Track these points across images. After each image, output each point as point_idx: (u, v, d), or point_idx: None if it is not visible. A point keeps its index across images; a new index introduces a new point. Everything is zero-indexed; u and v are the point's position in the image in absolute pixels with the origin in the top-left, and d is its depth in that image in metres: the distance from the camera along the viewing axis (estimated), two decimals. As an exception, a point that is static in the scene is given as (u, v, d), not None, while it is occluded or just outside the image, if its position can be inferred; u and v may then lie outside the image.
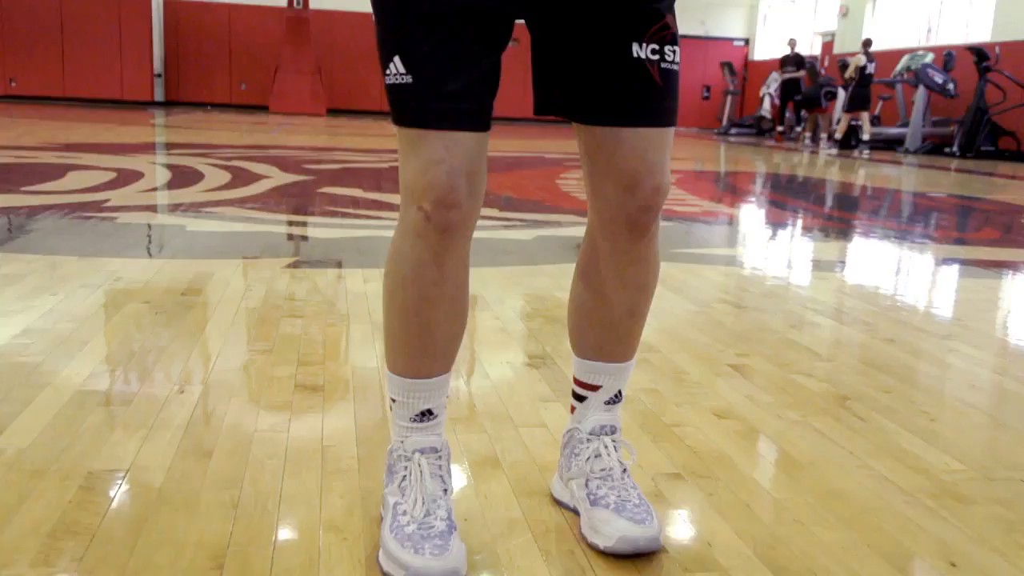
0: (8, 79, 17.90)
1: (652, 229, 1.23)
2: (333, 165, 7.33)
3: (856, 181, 8.74)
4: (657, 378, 2.03)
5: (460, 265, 1.19)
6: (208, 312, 2.46)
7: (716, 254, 3.95)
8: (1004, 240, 4.94)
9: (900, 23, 16.81)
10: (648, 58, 1.15)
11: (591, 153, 1.22)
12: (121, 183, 5.29)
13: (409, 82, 1.10)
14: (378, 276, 3.00)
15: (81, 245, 3.33)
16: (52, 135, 9.14)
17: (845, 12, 17.94)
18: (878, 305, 2.95)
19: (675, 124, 1.21)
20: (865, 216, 5.93)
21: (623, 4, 1.14)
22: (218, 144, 8.87)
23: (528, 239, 4.01)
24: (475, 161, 1.13)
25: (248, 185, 5.51)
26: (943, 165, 11.17)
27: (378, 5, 1.13)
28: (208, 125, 12.62)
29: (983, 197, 7.35)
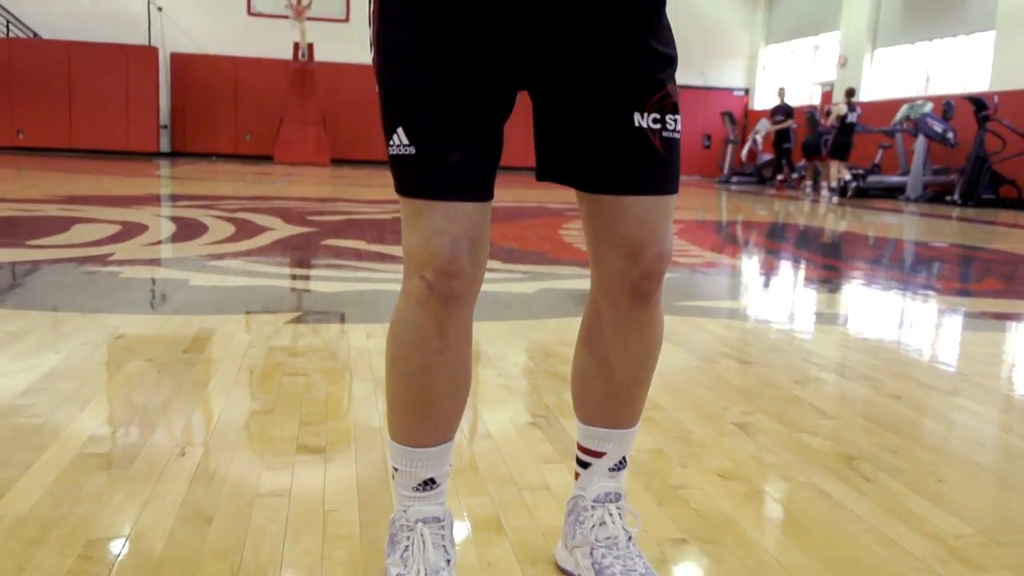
0: (16, 130, 18.10)
1: (655, 296, 1.23)
2: (336, 216, 7.37)
3: (858, 230, 8.77)
4: (662, 437, 2.02)
5: (463, 334, 1.19)
6: (210, 370, 2.45)
7: (719, 307, 3.94)
8: (1007, 291, 4.93)
9: (898, 73, 16.99)
10: (650, 127, 1.16)
11: (593, 220, 1.22)
12: (125, 236, 5.32)
13: (412, 153, 1.11)
14: (381, 331, 3.00)
15: (84, 301, 3.33)
16: (58, 187, 9.21)
17: (844, 62, 18.16)
18: (882, 359, 2.94)
19: (677, 192, 1.22)
20: (867, 266, 5.94)
21: (624, 74, 1.16)
22: (222, 195, 8.93)
23: (531, 292, 4.01)
24: (478, 231, 1.14)
25: (252, 237, 5.53)
26: (944, 213, 11.21)
27: (382, 77, 1.14)
28: (213, 176, 12.73)
29: (985, 247, 7.36)
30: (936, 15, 15.65)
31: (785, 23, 21.06)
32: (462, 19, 1.11)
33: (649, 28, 1.18)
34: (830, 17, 18.88)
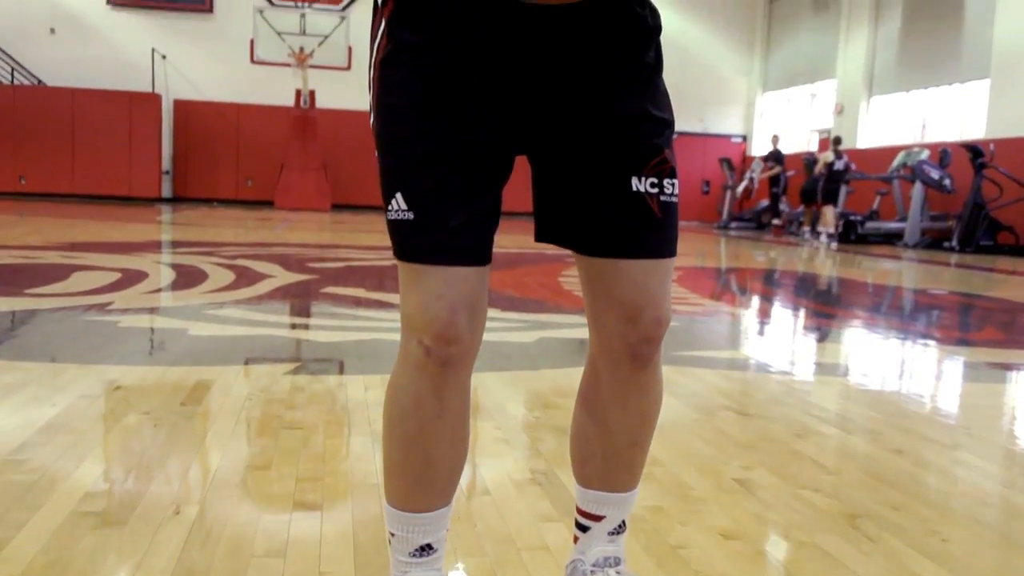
0: (18, 176, 18.21)
1: (654, 359, 1.22)
2: (336, 263, 7.38)
3: (857, 276, 8.78)
4: (661, 494, 2.00)
5: (461, 398, 1.18)
6: (208, 423, 2.44)
7: (718, 357, 3.93)
8: (1007, 341, 4.93)
9: (894, 120, 17.15)
10: (647, 191, 1.17)
11: (592, 283, 1.22)
12: (125, 284, 5.32)
13: (411, 218, 1.12)
14: (379, 383, 2.99)
15: (82, 351, 3.33)
16: (59, 234, 9.25)
17: (840, 110, 18.33)
18: (883, 411, 2.93)
19: (675, 254, 1.22)
20: (867, 313, 5.94)
21: (622, 139, 1.17)
22: (223, 242, 8.96)
23: (530, 341, 4.01)
24: (476, 295, 1.14)
25: (251, 285, 5.54)
26: (943, 260, 11.24)
27: (381, 143, 1.15)
28: (214, 222, 12.78)
29: (984, 294, 7.37)
30: (930, 64, 15.84)
31: (782, 71, 21.29)
32: (461, 86, 1.12)
33: (646, 93, 1.19)
34: (826, 65, 19.09)
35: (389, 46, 1.15)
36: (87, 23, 19.28)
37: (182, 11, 19.76)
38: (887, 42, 17.19)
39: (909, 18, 16.54)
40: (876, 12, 17.43)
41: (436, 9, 1.12)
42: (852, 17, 18.04)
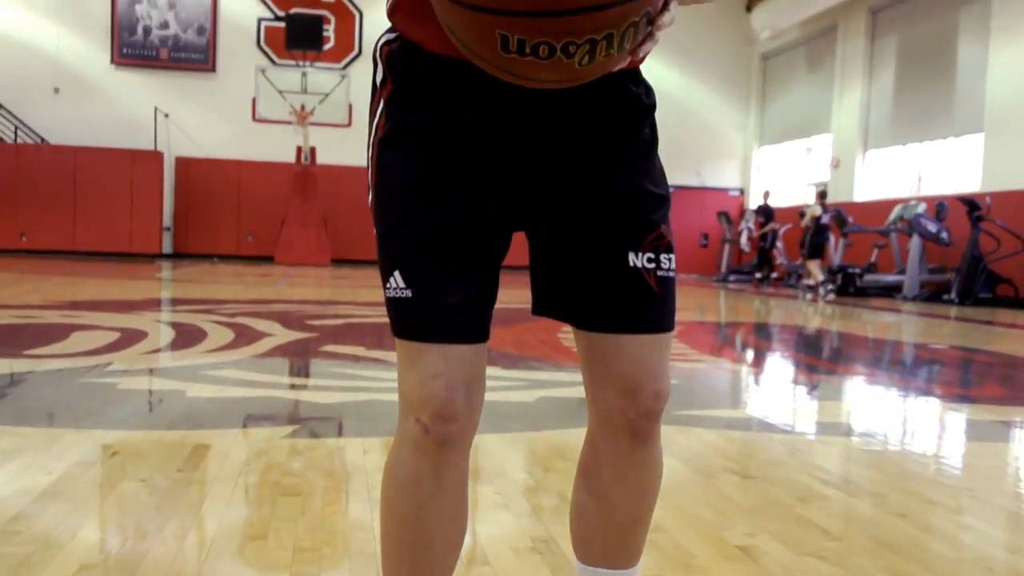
0: (19, 234, 18.30)
1: (654, 434, 1.22)
2: (336, 320, 7.38)
3: (857, 330, 8.78)
4: (664, 563, 1.97)
5: (459, 477, 1.17)
6: (204, 490, 2.41)
7: (718, 416, 3.91)
8: (1009, 397, 4.90)
9: (891, 173, 17.29)
10: (644, 267, 1.18)
11: (589, 358, 1.22)
12: (124, 343, 5.32)
13: (409, 296, 1.12)
14: (378, 446, 2.97)
15: (80, 415, 3.31)
16: (59, 292, 9.26)
17: (837, 164, 18.50)
18: (886, 473, 2.90)
19: (673, 328, 1.22)
20: (867, 369, 5.92)
21: (619, 215, 1.18)
22: (223, 299, 8.97)
23: (530, 401, 3.99)
24: (474, 373, 1.13)
25: (251, 344, 5.53)
26: (942, 313, 11.24)
27: (380, 221, 1.16)
28: (214, 278, 12.81)
29: (984, 348, 7.35)
30: (925, 118, 16.02)
31: (777, 126, 21.53)
32: (460, 165, 1.13)
33: (642, 170, 1.20)
34: (821, 120, 19.32)
35: (388, 126, 1.16)
36: (91, 83, 19.55)
37: (186, 70, 20.05)
38: (881, 97, 17.41)
39: (902, 74, 16.77)
40: (869, 68, 17.68)
41: (435, 89, 1.13)
42: (845, 73, 18.30)
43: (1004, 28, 13.85)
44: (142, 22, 19.90)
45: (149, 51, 19.93)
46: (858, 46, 17.86)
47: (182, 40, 20.07)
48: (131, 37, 19.86)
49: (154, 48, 19.95)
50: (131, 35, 19.86)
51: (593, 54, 0.89)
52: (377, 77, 1.20)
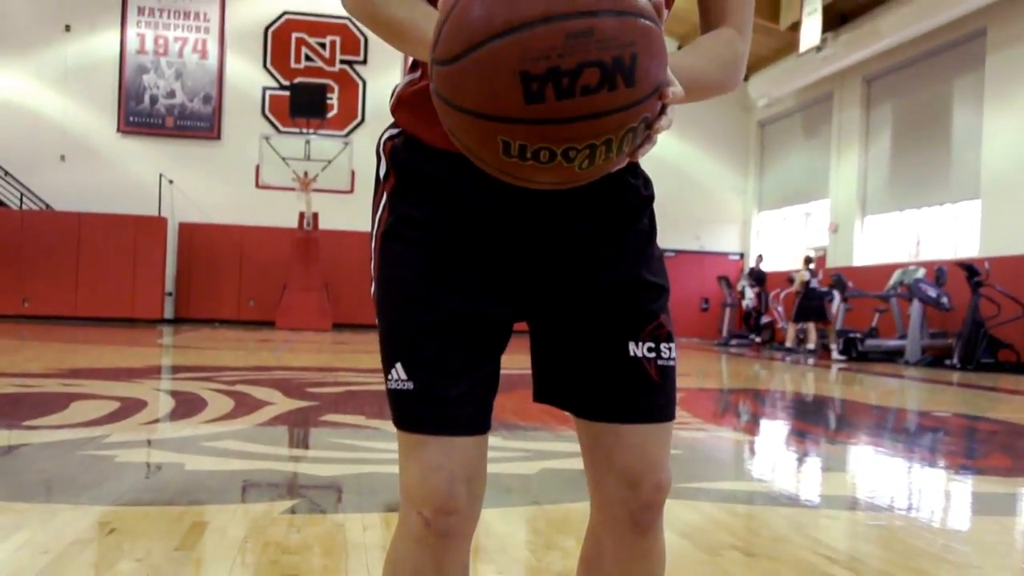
0: (22, 299, 18.34)
1: (656, 525, 1.21)
2: (336, 388, 7.36)
3: (860, 397, 8.74)
4: (667, 648, 1.94)
5: (461, 567, 1.16)
6: (201, 571, 2.38)
7: (721, 488, 3.88)
8: (1015, 468, 4.86)
9: (889, 238, 17.39)
10: (644, 356, 1.18)
11: (590, 448, 1.22)
12: (124, 414, 5.30)
13: (410, 388, 1.12)
14: (378, 522, 2.94)
15: (77, 490, 3.28)
16: (59, 359, 9.25)
17: (835, 228, 18.62)
18: (893, 550, 2.87)
19: (674, 417, 1.22)
20: (871, 438, 5.88)
21: (618, 305, 1.19)
22: (223, 366, 8.95)
23: (532, 473, 3.96)
24: (475, 465, 1.13)
25: (250, 414, 5.50)
26: (945, 379, 11.20)
27: (382, 314, 1.17)
28: (214, 344, 12.80)
29: (988, 416, 7.31)
30: (922, 184, 16.17)
31: (776, 191, 21.73)
32: (462, 258, 1.15)
33: (641, 260, 1.22)
34: (819, 186, 19.50)
35: (391, 219, 1.18)
36: (97, 150, 19.81)
37: (191, 138, 20.33)
38: (878, 163, 17.60)
39: (898, 141, 16.98)
40: (866, 135, 17.91)
41: (437, 183, 1.15)
42: (842, 140, 18.53)
43: (997, 97, 14.07)
44: (149, 91, 20.23)
45: (155, 119, 20.23)
46: (854, 114, 18.11)
47: (188, 109, 20.38)
48: (138, 106, 20.17)
49: (160, 116, 20.25)
50: (138, 104, 20.18)
51: (592, 158, 0.91)
52: (380, 171, 1.22)
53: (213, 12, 20.53)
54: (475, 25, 0.87)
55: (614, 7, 0.87)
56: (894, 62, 16.66)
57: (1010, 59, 13.79)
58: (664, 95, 0.92)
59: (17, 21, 19.50)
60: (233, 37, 20.66)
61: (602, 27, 0.86)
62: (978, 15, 14.07)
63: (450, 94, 0.91)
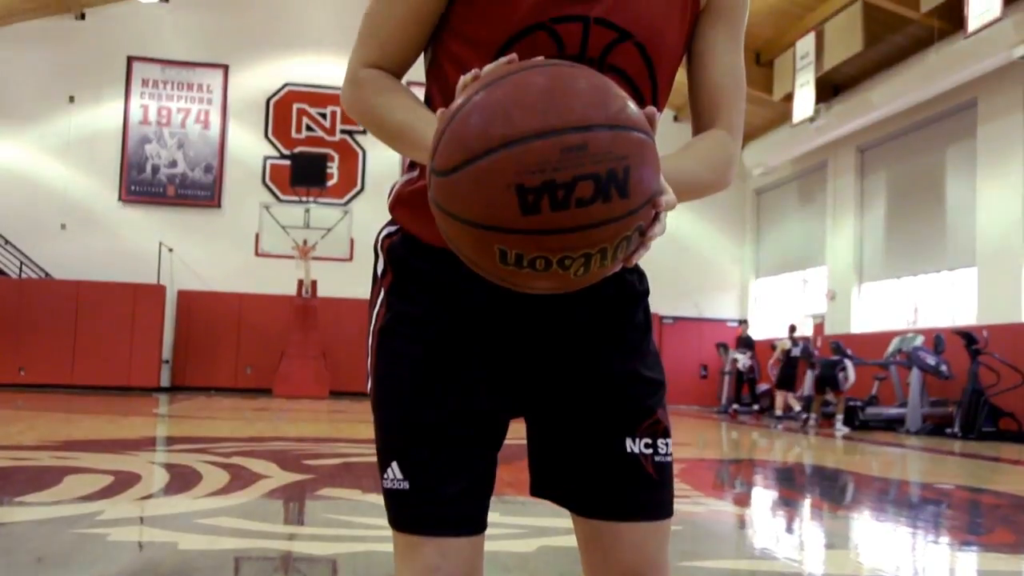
0: (18, 368, 18.27)
1: (655, 624, 1.19)
2: (333, 460, 7.29)
3: (861, 468, 8.66)
4: None
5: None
6: (193, 659, 2.33)
7: (723, 567, 3.82)
8: (1018, 544, 4.80)
9: (887, 305, 17.43)
10: (642, 452, 1.18)
11: (588, 545, 1.21)
12: (117, 488, 5.24)
13: (406, 488, 1.12)
14: (374, 606, 2.89)
15: (69, 571, 3.23)
16: (53, 431, 9.18)
17: (832, 296, 18.67)
18: (897, 633, 2.81)
19: (672, 514, 1.22)
20: (873, 512, 5.81)
21: (615, 401, 1.19)
22: (219, 437, 8.88)
23: (530, 551, 3.90)
24: (471, 565, 1.12)
25: (246, 488, 5.44)
26: (946, 448, 11.12)
27: (378, 411, 1.17)
28: (210, 413, 12.72)
29: (991, 488, 7.24)
30: (918, 252, 16.27)
31: (773, 258, 21.85)
32: (458, 356, 1.15)
33: (637, 355, 1.22)
34: (816, 253, 19.61)
35: (388, 315, 1.19)
36: (98, 218, 19.95)
37: (192, 206, 20.50)
38: (873, 231, 17.73)
39: (893, 209, 17.13)
40: (860, 203, 18.08)
41: (434, 281, 1.16)
42: (837, 208, 18.70)
43: (990, 166, 14.23)
44: (151, 161, 20.46)
45: (157, 188, 20.42)
46: (848, 182, 18.31)
47: (189, 178, 20.59)
48: (139, 175, 20.38)
49: (162, 185, 20.44)
50: (140, 173, 20.38)
51: (588, 266, 0.92)
52: (378, 268, 1.23)
53: (216, 84, 20.87)
54: (472, 138, 0.89)
55: (607, 121, 0.89)
56: (887, 132, 16.91)
57: (1001, 129, 13.99)
58: (658, 204, 0.93)
59: (22, 92, 19.80)
60: (235, 108, 20.97)
61: (596, 141, 0.88)
62: (968, 87, 14.31)
63: (447, 204, 0.92)
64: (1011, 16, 12.22)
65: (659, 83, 1.17)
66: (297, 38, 21.02)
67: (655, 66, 1.15)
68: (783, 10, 17.12)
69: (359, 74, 1.16)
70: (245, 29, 20.86)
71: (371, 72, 1.15)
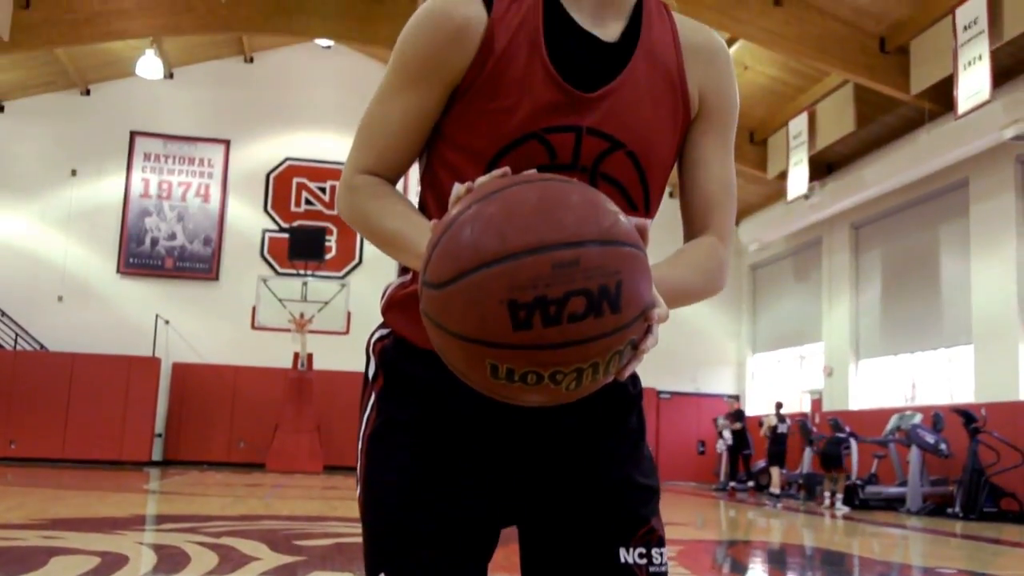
0: (8, 441, 18.07)
1: None
2: (325, 540, 7.17)
3: (864, 552, 8.52)
4: None
5: None
6: None
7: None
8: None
9: (884, 382, 17.37)
10: (636, 562, 1.16)
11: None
12: (104, 571, 5.13)
13: (395, 601, 1.09)
14: None
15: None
16: (42, 508, 9.03)
17: (830, 372, 18.62)
18: None
19: (667, 625, 1.19)
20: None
21: (609, 509, 1.17)
22: (209, 515, 8.74)
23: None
24: None
25: (235, 571, 5.33)
26: (948, 529, 10.96)
27: (366, 518, 1.15)
28: (202, 489, 12.54)
29: (993, 573, 7.12)
30: (914, 329, 16.28)
31: (770, 334, 21.85)
32: (449, 464, 1.14)
33: (631, 461, 1.21)
34: (812, 329, 19.61)
35: (379, 420, 1.18)
36: (95, 291, 19.97)
37: (189, 279, 20.55)
38: (869, 308, 17.77)
39: (888, 286, 17.20)
40: (855, 279, 18.16)
41: (426, 386, 1.15)
42: (833, 284, 18.77)
43: (983, 244, 14.34)
44: (150, 233, 20.58)
45: (155, 260, 20.49)
46: (843, 259, 18.42)
47: (188, 250, 20.69)
48: (138, 247, 20.47)
49: (160, 258, 20.53)
50: (139, 245, 20.49)
51: (580, 380, 0.92)
52: (369, 371, 1.22)
53: (217, 158, 21.12)
54: (465, 253, 0.89)
55: (599, 236, 0.89)
56: (880, 210, 17.07)
57: (993, 209, 14.13)
58: (650, 318, 0.93)
59: (25, 165, 20.01)
60: (236, 181, 21.19)
61: (587, 257, 0.88)
62: (959, 167, 14.49)
63: (439, 317, 0.92)
64: (1000, 98, 12.45)
65: (651, 190, 1.18)
66: (298, 113, 21.36)
67: (647, 174, 1.16)
68: (776, 91, 17.45)
69: (354, 180, 1.17)
70: (247, 105, 21.19)
71: (366, 178, 1.16)
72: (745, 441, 18.27)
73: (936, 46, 13.50)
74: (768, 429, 15.88)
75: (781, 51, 14.92)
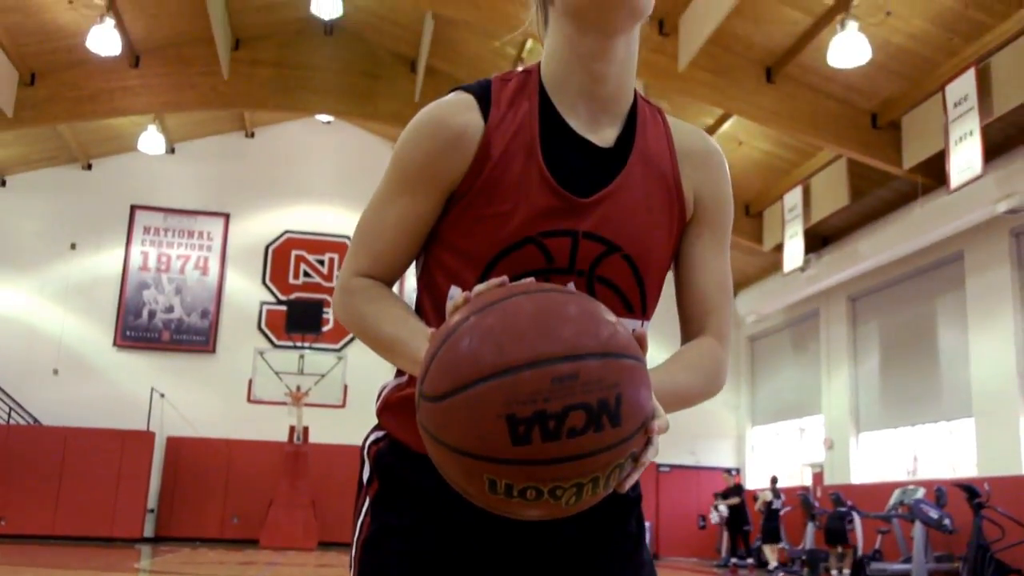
0: (-1, 516, 17.79)
1: None
2: (318, 623, 7.00)
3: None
4: None
5: None
6: None
7: None
8: None
9: (885, 455, 17.20)
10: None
11: None
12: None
13: None
14: None
15: None
16: (30, 588, 8.85)
17: (830, 445, 18.45)
18: None
19: None
20: None
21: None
22: (201, 596, 8.56)
23: None
24: None
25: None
26: (955, 608, 10.73)
27: None
28: (194, 568, 12.30)
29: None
30: (914, 402, 16.19)
31: (769, 406, 21.71)
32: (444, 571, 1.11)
33: (630, 566, 1.19)
34: (812, 402, 19.50)
35: (373, 527, 1.15)
36: (91, 364, 19.87)
37: (186, 351, 20.48)
38: (868, 380, 17.69)
39: (887, 358, 17.16)
40: (854, 352, 18.12)
41: (421, 491, 1.13)
42: (831, 356, 18.72)
43: (981, 317, 14.35)
44: (148, 306, 20.58)
45: (152, 333, 20.45)
46: (841, 331, 18.40)
47: (185, 323, 20.66)
48: (136, 320, 20.45)
49: (157, 330, 20.49)
50: (136, 318, 20.47)
51: (580, 495, 0.90)
52: (364, 475, 1.21)
53: (217, 231, 21.24)
54: (463, 366, 0.88)
55: (598, 349, 0.89)
56: (877, 282, 17.13)
57: (989, 282, 14.18)
58: (650, 430, 0.92)
59: (24, 239, 20.10)
60: (234, 254, 21.27)
61: (587, 370, 0.87)
62: (954, 240, 14.59)
63: (436, 430, 0.91)
64: (992, 173, 12.59)
65: (648, 293, 1.18)
66: (298, 187, 21.57)
67: (643, 277, 1.16)
68: (770, 165, 17.66)
69: (351, 283, 1.17)
70: (247, 178, 21.41)
71: (363, 281, 1.16)
72: (744, 516, 17.98)
73: (928, 122, 13.71)
74: (763, 504, 15.69)
75: (774, 127, 15.13)
